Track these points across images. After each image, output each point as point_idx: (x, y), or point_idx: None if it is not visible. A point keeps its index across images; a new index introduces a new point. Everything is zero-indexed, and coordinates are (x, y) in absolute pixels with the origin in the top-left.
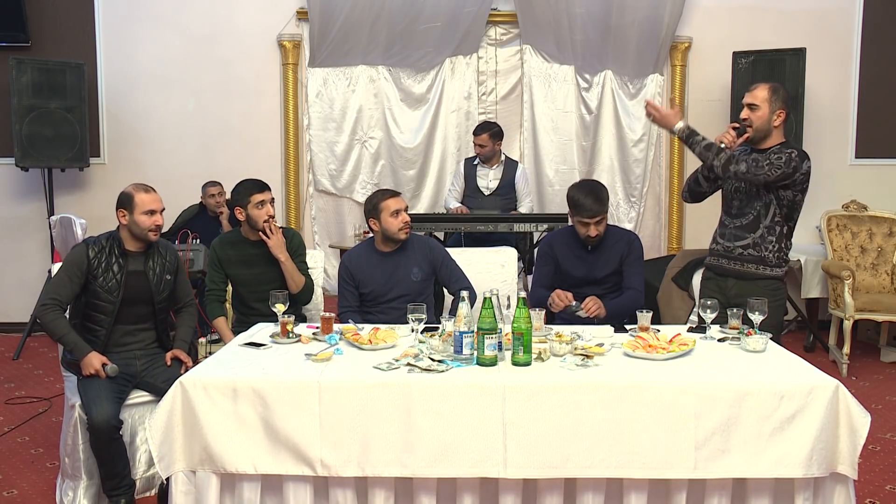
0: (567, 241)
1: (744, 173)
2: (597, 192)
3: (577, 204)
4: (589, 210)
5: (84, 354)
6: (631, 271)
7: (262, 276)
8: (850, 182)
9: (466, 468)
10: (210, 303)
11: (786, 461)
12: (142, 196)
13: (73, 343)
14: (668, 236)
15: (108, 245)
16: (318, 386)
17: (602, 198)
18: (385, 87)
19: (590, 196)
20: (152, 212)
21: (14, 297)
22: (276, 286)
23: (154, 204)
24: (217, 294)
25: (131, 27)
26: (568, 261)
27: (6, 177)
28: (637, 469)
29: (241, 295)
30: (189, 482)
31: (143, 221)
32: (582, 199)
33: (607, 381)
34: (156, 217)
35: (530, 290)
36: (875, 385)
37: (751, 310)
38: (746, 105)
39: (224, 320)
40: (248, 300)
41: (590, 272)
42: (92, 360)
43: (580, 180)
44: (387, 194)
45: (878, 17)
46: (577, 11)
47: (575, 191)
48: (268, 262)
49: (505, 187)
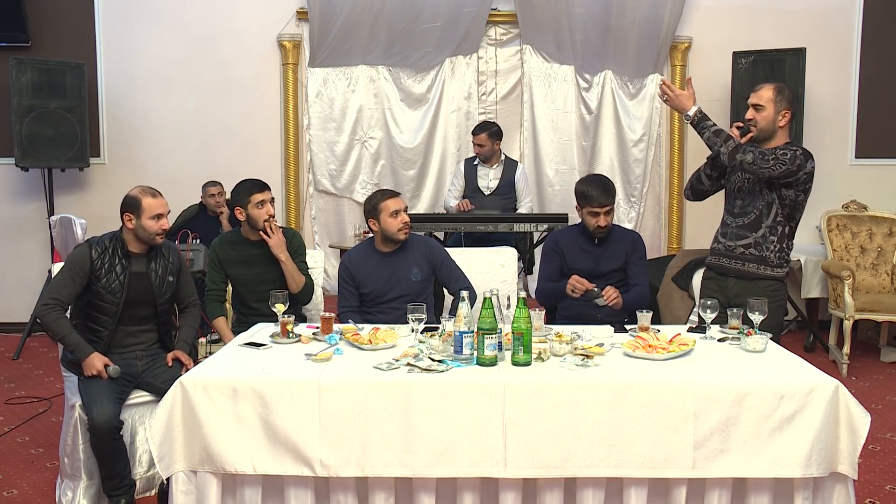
0: (573, 237)
1: (749, 164)
2: (605, 183)
3: (586, 195)
4: (598, 199)
5: (86, 355)
6: (636, 269)
7: (263, 276)
8: (850, 182)
9: (466, 468)
10: (210, 303)
11: (784, 461)
12: (149, 201)
13: (74, 344)
14: (668, 236)
15: (112, 246)
16: (318, 386)
17: (610, 188)
18: (385, 87)
19: (599, 187)
20: (160, 216)
21: (14, 297)
22: (277, 286)
23: (161, 208)
24: (217, 294)
25: (131, 27)
26: (574, 255)
27: (6, 177)
28: (636, 468)
29: (241, 295)
30: (189, 482)
31: (151, 226)
32: (591, 190)
33: (607, 381)
34: (162, 221)
35: (537, 285)
36: (875, 385)
37: (751, 310)
38: (752, 105)
39: (224, 320)
40: (248, 300)
41: (596, 266)
42: (94, 361)
43: (587, 174)
44: (386, 195)
45: (878, 17)
46: (577, 11)
47: (583, 184)
48: (268, 261)
49: (505, 187)
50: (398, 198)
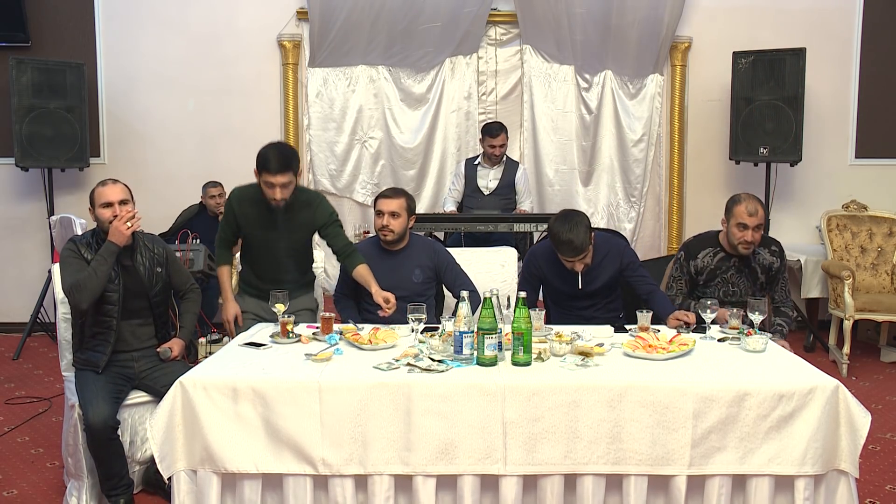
0: (553, 256)
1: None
2: (576, 229)
3: (559, 243)
4: (572, 251)
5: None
6: (637, 275)
7: (275, 243)
8: (850, 182)
9: (467, 466)
10: (219, 247)
11: (780, 459)
12: (99, 189)
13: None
14: (668, 236)
15: (94, 241)
16: (318, 386)
17: (581, 234)
18: (385, 87)
19: (570, 234)
20: (108, 204)
21: (14, 297)
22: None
23: (111, 195)
24: (227, 241)
25: (131, 27)
26: (557, 277)
27: (6, 177)
28: (633, 466)
29: (252, 251)
30: (191, 481)
31: (102, 214)
32: (563, 239)
33: (607, 381)
34: (113, 209)
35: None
36: (875, 385)
37: (751, 310)
38: (753, 228)
39: (228, 270)
40: (255, 263)
41: (582, 287)
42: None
43: (559, 213)
44: (384, 193)
45: (878, 17)
46: (577, 11)
47: (556, 227)
48: (286, 229)
49: (505, 187)
50: (389, 199)
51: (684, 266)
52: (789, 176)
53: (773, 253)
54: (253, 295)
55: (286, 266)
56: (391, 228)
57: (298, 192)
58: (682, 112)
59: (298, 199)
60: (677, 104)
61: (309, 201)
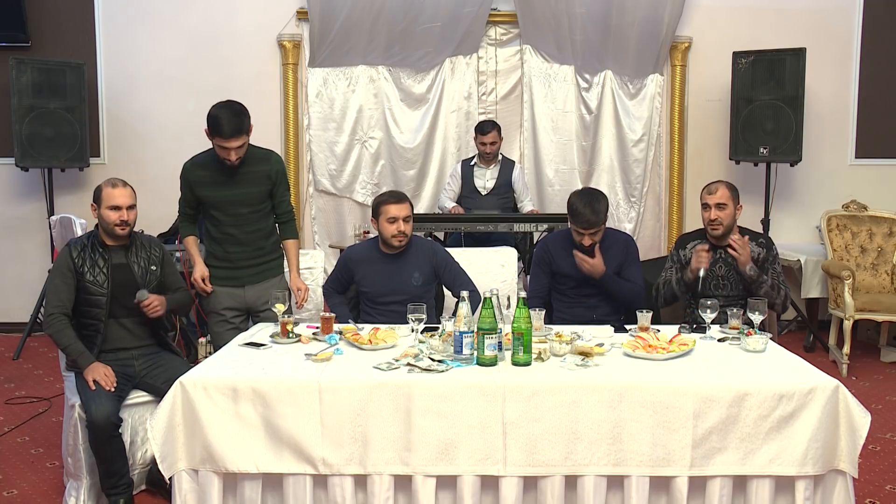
0: (563, 243)
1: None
2: (595, 203)
3: (574, 213)
4: (585, 221)
5: (88, 363)
6: (630, 270)
7: (237, 198)
8: (850, 182)
9: (466, 467)
10: (181, 222)
11: (780, 459)
12: (109, 190)
13: (77, 353)
14: (668, 236)
15: (90, 242)
16: (318, 386)
17: (599, 209)
18: (385, 87)
19: (587, 207)
20: (116, 207)
21: (14, 297)
22: (252, 209)
23: (120, 199)
24: (188, 215)
25: (131, 27)
26: (565, 261)
27: (6, 177)
28: (633, 467)
29: (214, 217)
30: (192, 481)
31: (108, 216)
32: (580, 209)
33: (607, 381)
34: (121, 213)
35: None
36: (875, 385)
37: (751, 310)
38: (714, 205)
39: (194, 239)
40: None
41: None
42: (97, 368)
43: (583, 188)
44: (391, 198)
45: (878, 17)
46: (577, 11)
47: (575, 199)
48: (243, 183)
49: (502, 187)
50: (401, 204)
51: (674, 255)
52: (789, 176)
53: (761, 244)
54: (222, 268)
55: (251, 227)
56: (405, 233)
57: (252, 148)
58: (682, 112)
59: (255, 154)
60: (677, 104)
61: (266, 156)
